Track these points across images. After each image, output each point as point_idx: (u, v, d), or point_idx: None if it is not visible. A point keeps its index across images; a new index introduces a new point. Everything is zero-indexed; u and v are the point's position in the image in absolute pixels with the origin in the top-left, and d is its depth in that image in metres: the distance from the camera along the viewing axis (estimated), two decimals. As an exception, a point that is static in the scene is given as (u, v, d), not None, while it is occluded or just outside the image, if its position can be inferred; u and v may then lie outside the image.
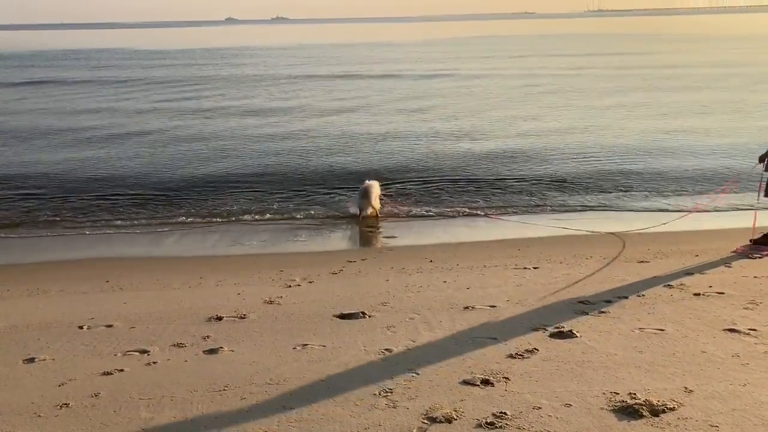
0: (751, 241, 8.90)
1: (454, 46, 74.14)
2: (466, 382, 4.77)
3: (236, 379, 4.97)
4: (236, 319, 6.42)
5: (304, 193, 13.22)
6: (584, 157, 15.97)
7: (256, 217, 11.65)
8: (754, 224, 8.81)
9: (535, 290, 7.11)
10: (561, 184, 13.62)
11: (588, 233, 10.25)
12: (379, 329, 5.97)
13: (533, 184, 13.67)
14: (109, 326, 6.30)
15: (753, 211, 9.46)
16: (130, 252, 10.15)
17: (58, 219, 11.70)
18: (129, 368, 5.25)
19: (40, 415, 4.49)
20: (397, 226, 11.19)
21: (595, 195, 12.83)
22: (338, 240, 10.63)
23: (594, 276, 7.67)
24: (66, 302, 7.38)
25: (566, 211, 11.97)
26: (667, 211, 11.66)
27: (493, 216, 11.45)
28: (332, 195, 13.02)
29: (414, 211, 11.86)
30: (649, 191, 12.98)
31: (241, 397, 4.67)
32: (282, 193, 13.20)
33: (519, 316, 6.23)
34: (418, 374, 4.94)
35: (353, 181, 13.36)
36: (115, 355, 5.57)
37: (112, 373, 5.15)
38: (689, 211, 11.19)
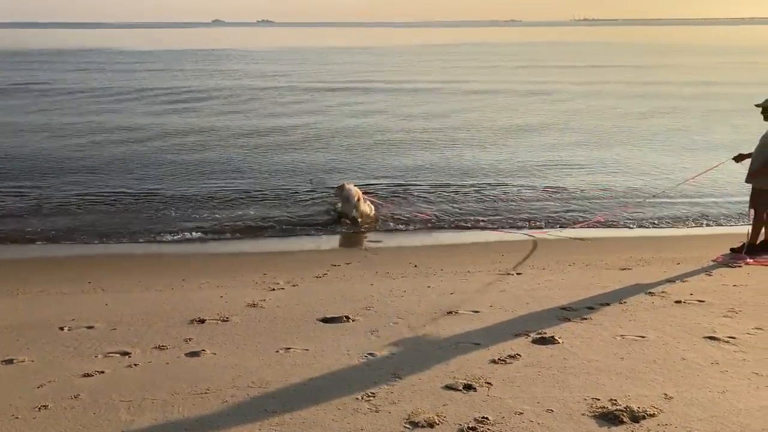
0: (731, 249, 9.02)
1: (441, 54, 74.26)
2: (448, 387, 4.78)
3: (218, 381, 4.94)
4: (219, 321, 6.39)
5: (288, 195, 13.17)
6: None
7: (240, 221, 11.56)
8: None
9: (519, 296, 7.14)
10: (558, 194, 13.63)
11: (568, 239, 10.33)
12: (362, 333, 5.97)
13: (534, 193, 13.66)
14: (90, 327, 6.25)
15: (733, 220, 9.58)
16: (112, 253, 10.05)
17: (38, 220, 11.54)
18: (110, 370, 5.20)
19: (18, 417, 4.44)
20: (382, 231, 11.18)
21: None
22: (323, 244, 10.61)
23: (576, 282, 7.72)
24: (46, 303, 7.31)
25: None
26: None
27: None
28: (316, 198, 12.98)
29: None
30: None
31: (223, 400, 4.64)
32: (265, 196, 13.13)
33: (502, 322, 6.25)
34: (400, 379, 4.94)
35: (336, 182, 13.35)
36: (96, 356, 5.52)
37: (92, 375, 5.10)
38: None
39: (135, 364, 5.32)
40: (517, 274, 8.27)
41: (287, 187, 13.78)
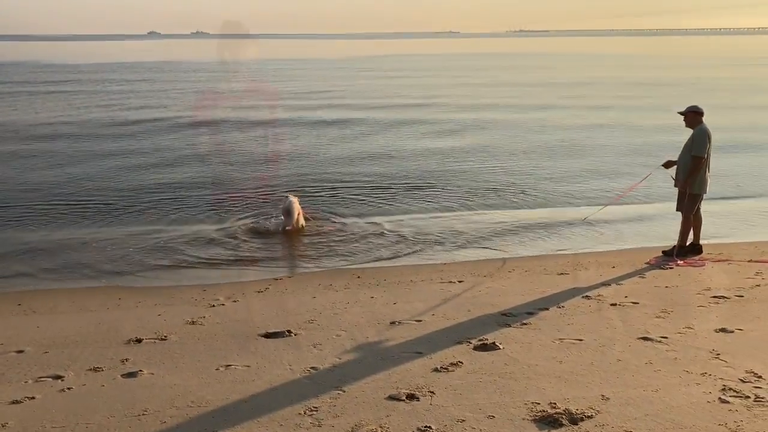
0: (663, 252, 9.34)
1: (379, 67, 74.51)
2: (391, 398, 4.79)
3: (156, 402, 4.81)
4: (157, 340, 6.23)
5: (229, 209, 12.97)
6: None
7: (179, 235, 11.31)
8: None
9: (460, 303, 7.22)
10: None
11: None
12: (305, 347, 5.93)
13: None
14: (20, 351, 6.01)
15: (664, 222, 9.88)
16: (45, 272, 9.62)
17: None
18: (41, 395, 5.00)
19: (-60, 450, 4.22)
20: (325, 243, 11.11)
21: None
22: (264, 257, 10.44)
23: (516, 288, 7.85)
24: (-28, 328, 6.97)
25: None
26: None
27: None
28: (258, 211, 12.83)
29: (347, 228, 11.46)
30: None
31: (161, 420, 4.53)
32: (205, 209, 12.90)
33: (444, 330, 6.31)
34: (344, 391, 4.92)
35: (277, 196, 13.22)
36: (26, 382, 5.31)
37: (22, 402, 4.90)
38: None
39: (68, 388, 5.14)
40: (459, 281, 8.35)
41: (238, 200, 13.59)
